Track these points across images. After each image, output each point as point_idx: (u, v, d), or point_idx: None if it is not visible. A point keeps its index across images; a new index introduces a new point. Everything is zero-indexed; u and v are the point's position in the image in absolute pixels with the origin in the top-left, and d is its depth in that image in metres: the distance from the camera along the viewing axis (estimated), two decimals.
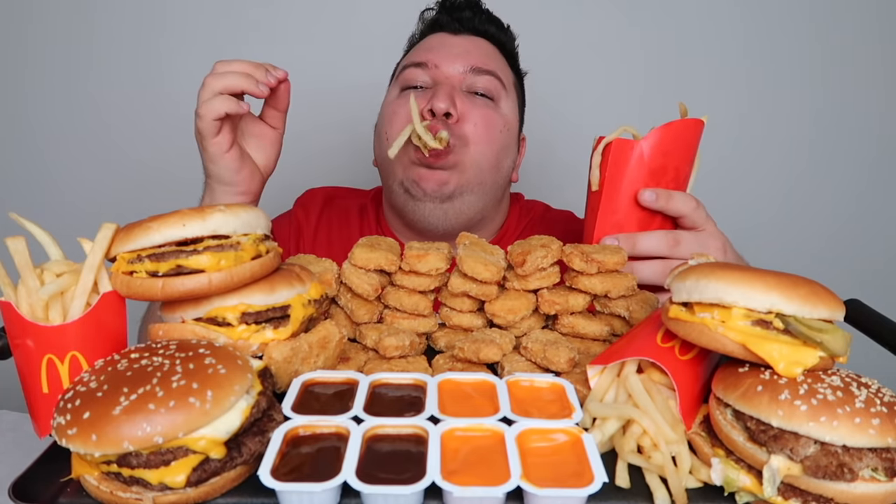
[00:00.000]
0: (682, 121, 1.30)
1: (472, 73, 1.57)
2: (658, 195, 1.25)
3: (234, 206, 0.95)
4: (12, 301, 0.84)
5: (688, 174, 1.34)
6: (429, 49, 1.63)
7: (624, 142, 1.27)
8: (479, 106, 1.57)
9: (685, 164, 1.32)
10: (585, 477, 0.74)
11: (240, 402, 0.78)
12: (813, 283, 0.82)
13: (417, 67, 1.60)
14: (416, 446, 0.80)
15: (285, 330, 0.96)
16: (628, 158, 1.27)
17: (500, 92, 1.62)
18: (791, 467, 0.74)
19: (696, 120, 1.30)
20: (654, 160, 1.26)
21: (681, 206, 1.26)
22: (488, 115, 1.58)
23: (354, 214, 1.84)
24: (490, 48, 1.67)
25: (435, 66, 1.57)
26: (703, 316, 0.84)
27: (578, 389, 0.96)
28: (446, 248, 1.22)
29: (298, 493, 0.72)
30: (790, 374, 0.78)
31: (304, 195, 1.90)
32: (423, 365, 1.08)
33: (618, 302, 1.18)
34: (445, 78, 1.57)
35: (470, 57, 1.59)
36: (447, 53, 1.59)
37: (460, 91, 1.57)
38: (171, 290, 0.88)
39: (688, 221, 1.28)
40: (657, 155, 1.26)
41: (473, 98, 1.58)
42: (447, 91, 1.53)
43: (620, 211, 1.29)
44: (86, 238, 0.90)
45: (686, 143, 1.30)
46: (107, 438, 0.70)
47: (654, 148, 1.26)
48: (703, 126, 1.31)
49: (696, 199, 1.28)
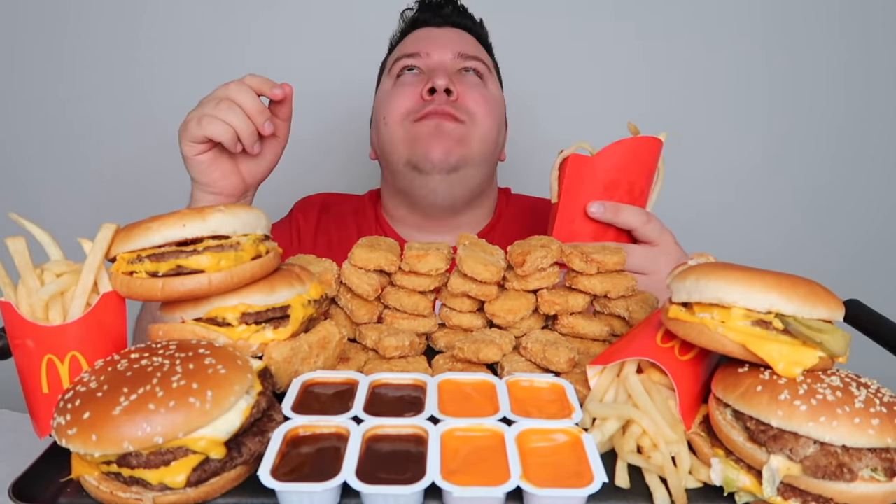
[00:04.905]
0: (636, 138, 1.37)
1: (460, 58, 1.69)
2: (606, 208, 1.32)
3: (234, 207, 0.95)
4: (12, 301, 0.85)
5: (644, 189, 1.40)
6: (417, 40, 1.73)
7: (579, 157, 1.36)
8: (473, 85, 1.67)
9: (641, 179, 1.38)
10: (585, 477, 0.74)
11: (240, 402, 0.78)
12: (812, 284, 0.82)
13: (409, 58, 1.69)
14: (416, 446, 0.80)
15: (285, 330, 0.96)
16: (582, 173, 1.35)
17: (486, 74, 1.73)
18: (791, 467, 0.74)
19: (652, 138, 1.37)
20: (607, 174, 1.34)
21: (630, 220, 1.32)
22: (483, 92, 1.69)
23: (350, 216, 1.88)
24: (471, 38, 1.80)
25: (426, 55, 1.67)
26: (703, 316, 0.84)
27: (578, 390, 0.96)
28: (446, 249, 1.22)
29: (298, 493, 0.72)
30: (790, 374, 0.78)
31: (302, 201, 1.94)
32: (423, 365, 1.08)
33: (617, 302, 1.18)
34: (438, 63, 1.66)
35: (456, 45, 1.70)
36: (435, 42, 1.69)
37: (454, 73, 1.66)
38: (171, 291, 0.88)
39: (639, 235, 1.34)
40: (610, 170, 1.34)
41: (466, 76, 1.68)
42: (444, 71, 1.62)
43: (576, 222, 1.37)
44: (86, 238, 0.91)
45: (641, 159, 1.37)
46: (107, 438, 0.70)
47: (606, 163, 1.34)
48: (661, 144, 1.38)
49: (649, 214, 1.34)
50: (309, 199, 1.95)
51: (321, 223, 1.85)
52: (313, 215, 1.86)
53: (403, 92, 1.65)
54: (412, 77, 1.67)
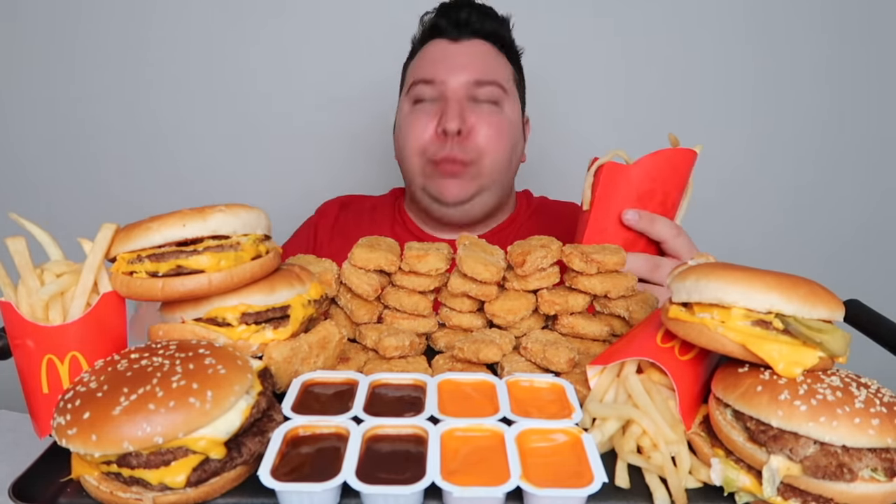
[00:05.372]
0: (673, 149, 1.36)
1: (475, 85, 1.67)
2: (641, 217, 1.32)
3: (235, 207, 0.95)
4: (12, 301, 0.85)
5: (677, 201, 1.39)
6: (433, 62, 1.71)
7: (614, 165, 1.34)
8: (486, 114, 1.68)
9: (674, 191, 1.37)
10: (585, 477, 0.74)
11: (240, 402, 0.78)
12: (812, 284, 0.82)
13: (426, 84, 1.69)
14: (416, 446, 0.80)
15: (285, 330, 0.96)
16: (618, 181, 1.34)
17: (502, 97, 1.72)
18: (791, 467, 0.74)
19: (688, 150, 1.36)
20: (642, 184, 1.34)
21: (662, 231, 1.32)
22: (496, 121, 1.69)
23: (367, 214, 1.96)
24: (489, 50, 1.75)
25: (442, 83, 1.67)
26: (703, 316, 0.84)
27: (578, 390, 0.96)
28: (446, 249, 1.22)
29: (298, 494, 0.72)
30: (790, 374, 0.78)
31: (323, 204, 2.02)
32: (423, 365, 1.08)
33: (617, 302, 1.18)
34: (452, 91, 1.66)
35: (472, 69, 1.68)
36: (451, 66, 1.68)
37: (467, 103, 1.67)
38: (171, 291, 0.88)
39: (669, 247, 1.34)
40: (645, 180, 1.33)
41: (480, 106, 1.68)
42: (456, 110, 1.64)
43: (608, 230, 1.36)
44: (86, 238, 0.91)
45: (676, 170, 1.36)
46: (107, 438, 0.70)
47: (643, 173, 1.33)
48: (696, 156, 1.37)
49: (680, 228, 1.35)
50: (330, 200, 2.02)
51: (339, 221, 1.93)
52: (332, 214, 1.94)
53: (419, 123, 1.69)
54: (428, 106, 1.70)
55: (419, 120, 1.69)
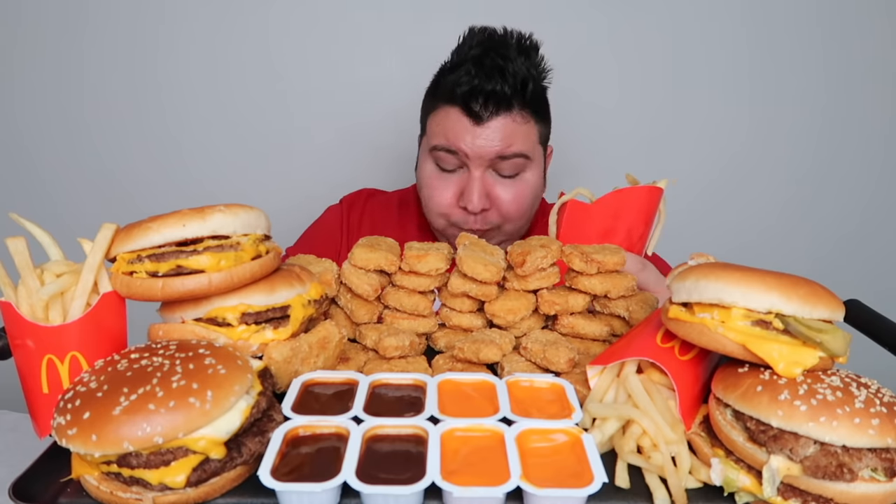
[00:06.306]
0: (635, 187, 1.40)
1: (499, 159, 1.61)
2: None
3: (234, 207, 0.95)
4: (12, 301, 0.85)
5: (644, 234, 1.43)
6: (456, 135, 1.60)
7: (577, 204, 1.41)
8: (507, 185, 1.66)
9: (640, 225, 1.41)
10: (585, 477, 0.74)
11: (240, 402, 0.78)
12: (812, 284, 0.82)
13: (447, 153, 1.63)
14: (416, 446, 0.80)
15: (285, 330, 0.96)
16: (580, 219, 1.40)
17: (525, 165, 1.66)
18: (791, 467, 0.74)
19: (652, 187, 1.40)
20: (604, 221, 1.40)
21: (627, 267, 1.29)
22: (519, 190, 1.67)
23: (394, 207, 1.96)
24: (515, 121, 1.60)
25: (465, 155, 1.61)
26: (703, 316, 0.84)
27: (578, 390, 0.96)
28: (446, 249, 1.22)
29: (298, 494, 0.72)
30: (790, 374, 0.78)
31: (351, 194, 2.01)
32: (423, 365, 1.08)
33: (617, 302, 1.18)
34: (475, 165, 1.61)
35: (495, 144, 1.59)
36: (474, 144, 1.59)
37: (489, 176, 1.64)
38: (171, 291, 0.88)
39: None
40: (607, 217, 1.39)
41: (503, 180, 1.66)
42: (478, 189, 1.61)
43: None
44: (86, 238, 0.91)
45: (639, 207, 1.40)
46: (107, 438, 0.70)
47: (604, 212, 1.39)
48: (662, 192, 1.41)
49: (645, 262, 1.36)
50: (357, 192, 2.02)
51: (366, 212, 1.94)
52: (358, 206, 1.95)
53: (442, 188, 1.67)
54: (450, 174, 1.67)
55: (442, 187, 1.68)
